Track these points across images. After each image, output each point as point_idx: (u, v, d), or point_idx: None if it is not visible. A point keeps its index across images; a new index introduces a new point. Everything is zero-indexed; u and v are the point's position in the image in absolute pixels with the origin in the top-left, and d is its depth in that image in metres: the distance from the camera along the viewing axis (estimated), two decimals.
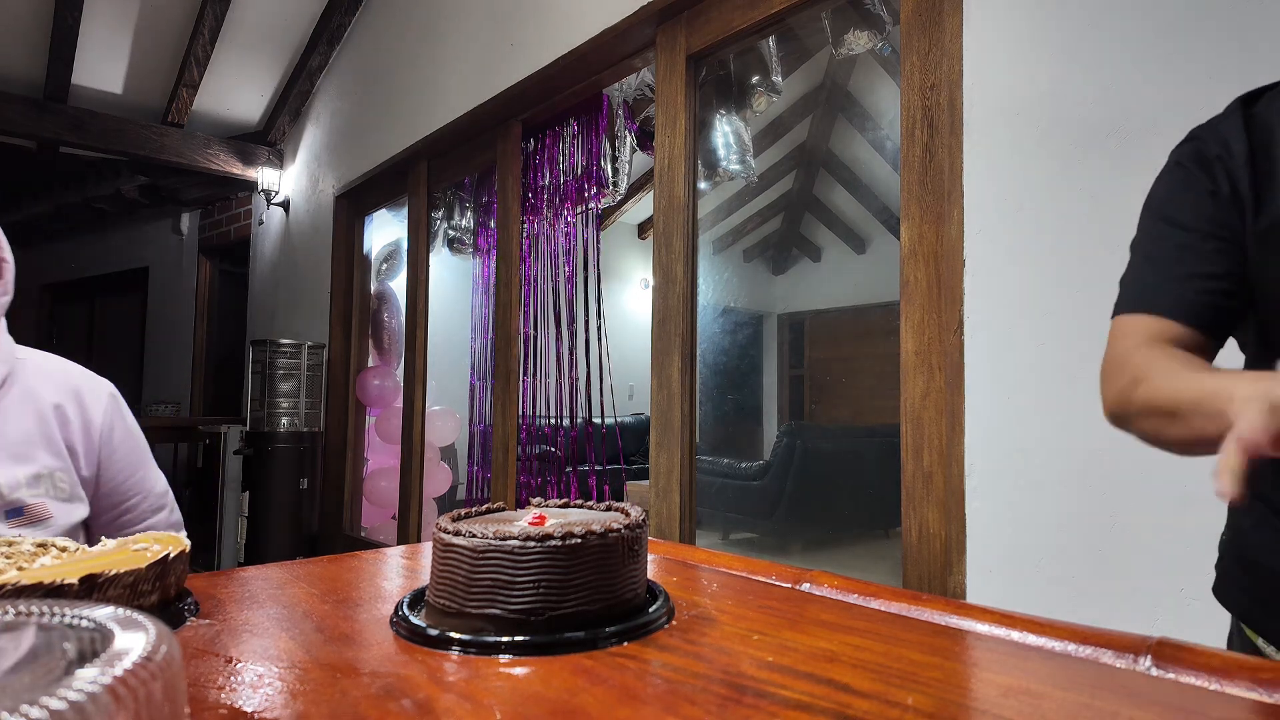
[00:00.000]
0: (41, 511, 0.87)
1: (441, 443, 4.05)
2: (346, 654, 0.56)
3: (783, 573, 0.78)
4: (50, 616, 0.31)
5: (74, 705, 0.22)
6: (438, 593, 0.60)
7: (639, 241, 6.96)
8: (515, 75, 2.84)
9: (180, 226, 6.09)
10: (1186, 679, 0.50)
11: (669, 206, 2.22)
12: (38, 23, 3.87)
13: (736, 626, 0.62)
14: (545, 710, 0.46)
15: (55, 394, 0.92)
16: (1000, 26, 1.52)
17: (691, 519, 2.17)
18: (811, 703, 0.46)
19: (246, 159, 4.95)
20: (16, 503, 0.84)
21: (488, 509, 0.73)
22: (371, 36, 4.07)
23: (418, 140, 3.49)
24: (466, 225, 3.58)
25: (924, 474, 1.56)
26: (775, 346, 7.41)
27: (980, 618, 0.62)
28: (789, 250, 7.22)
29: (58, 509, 0.89)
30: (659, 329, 2.23)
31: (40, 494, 0.87)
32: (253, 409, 4.07)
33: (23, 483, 0.86)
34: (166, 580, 0.63)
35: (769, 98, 2.47)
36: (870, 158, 5.79)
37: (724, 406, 6.96)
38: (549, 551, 0.57)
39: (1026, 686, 0.49)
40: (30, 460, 0.88)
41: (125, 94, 4.53)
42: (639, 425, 5.93)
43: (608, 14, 2.40)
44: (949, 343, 1.53)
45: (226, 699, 0.48)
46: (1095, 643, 0.55)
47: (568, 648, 0.55)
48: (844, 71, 5.09)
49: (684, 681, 0.50)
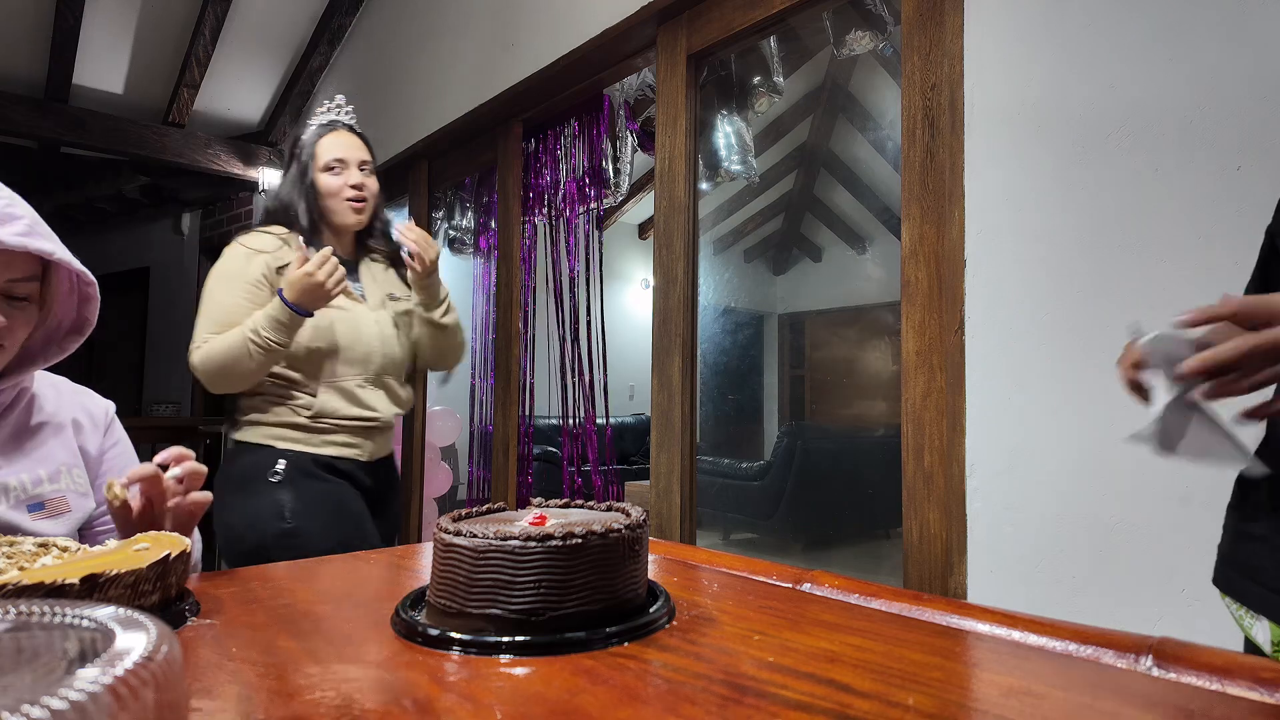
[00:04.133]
0: (61, 505, 0.93)
1: (442, 443, 4.05)
2: (347, 654, 0.56)
3: (783, 573, 0.78)
4: (52, 616, 0.31)
5: (75, 705, 0.22)
6: (438, 593, 0.60)
7: (640, 242, 6.96)
8: (516, 75, 2.84)
9: (181, 226, 6.09)
10: (1188, 679, 0.50)
11: (670, 207, 2.22)
12: (38, 23, 3.87)
13: (737, 627, 0.62)
14: (546, 710, 0.46)
15: (71, 409, 1.02)
16: (1001, 26, 1.52)
17: (692, 519, 2.17)
18: (812, 703, 0.46)
19: (247, 159, 4.95)
20: (39, 497, 0.90)
21: (488, 509, 0.73)
22: (372, 37, 4.08)
23: (418, 140, 3.49)
24: (467, 225, 3.58)
25: (925, 474, 1.56)
26: (776, 346, 7.41)
27: (981, 618, 0.62)
28: (790, 250, 7.22)
29: (76, 502, 0.95)
30: (659, 329, 2.23)
31: (60, 489, 0.93)
32: None
33: (44, 479, 0.92)
34: (167, 580, 0.63)
35: (770, 98, 2.47)
36: (871, 158, 5.79)
37: (724, 407, 6.95)
38: (550, 552, 0.57)
39: (1028, 687, 0.49)
40: (50, 460, 0.95)
41: (126, 94, 4.53)
42: (639, 425, 5.93)
43: (608, 14, 2.40)
44: (950, 343, 1.53)
45: (226, 699, 0.48)
46: (1096, 643, 0.55)
47: (568, 648, 0.55)
48: (845, 72, 5.09)
49: (685, 682, 0.50)
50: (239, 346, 1.46)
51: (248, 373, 1.49)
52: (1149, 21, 1.33)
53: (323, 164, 1.64)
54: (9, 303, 0.85)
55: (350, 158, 1.65)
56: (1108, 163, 1.35)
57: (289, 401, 1.58)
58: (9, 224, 0.80)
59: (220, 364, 1.48)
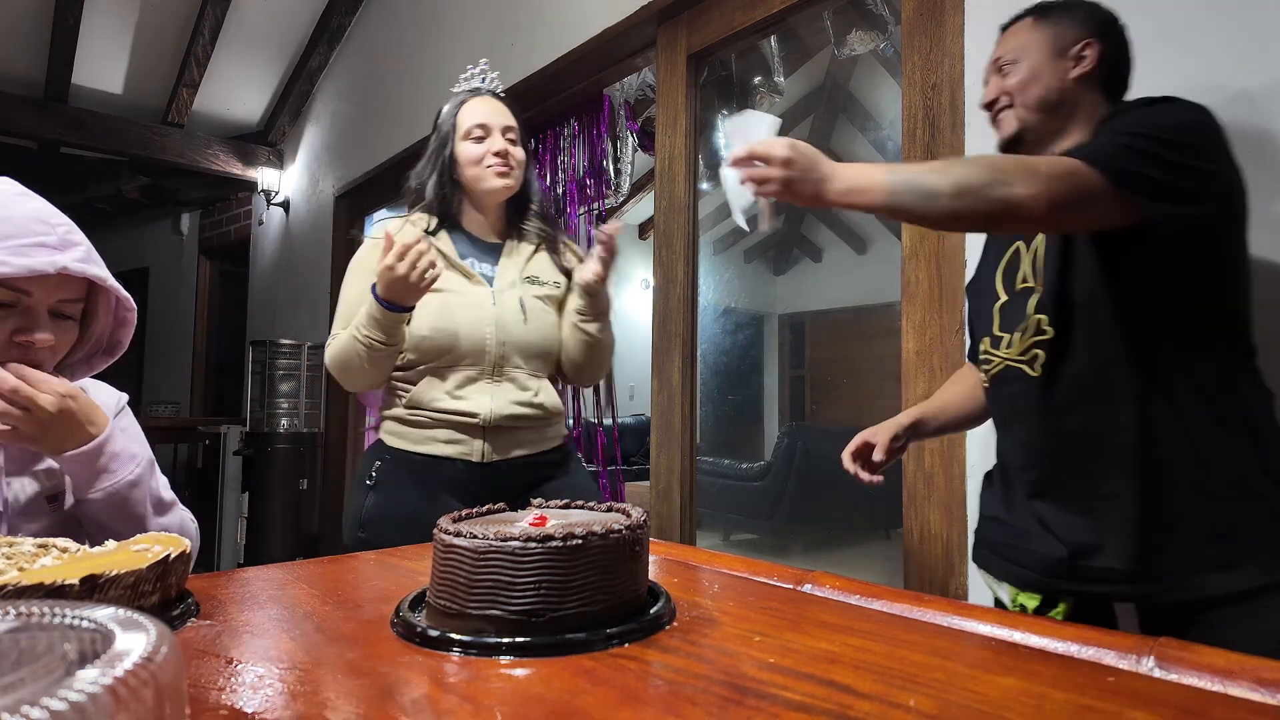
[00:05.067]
0: None
1: None
2: (347, 655, 0.56)
3: (784, 574, 0.78)
4: (51, 617, 0.31)
5: (74, 705, 0.21)
6: (438, 594, 0.60)
7: (640, 242, 6.96)
8: (515, 75, 2.84)
9: (180, 227, 6.09)
10: (1189, 680, 0.50)
11: (670, 207, 2.22)
12: (38, 23, 3.87)
13: (738, 628, 0.62)
14: (546, 711, 0.45)
15: None
16: None
17: (692, 520, 2.17)
18: (813, 704, 0.46)
19: (246, 159, 4.95)
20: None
21: (489, 510, 0.73)
22: (371, 37, 4.08)
23: (418, 140, 3.48)
24: None
25: (925, 475, 1.56)
26: (776, 347, 7.40)
27: (982, 618, 0.62)
28: (790, 250, 7.22)
29: None
30: (659, 329, 2.23)
31: None
32: (253, 409, 4.07)
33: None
34: (167, 581, 0.63)
35: (770, 98, 2.47)
36: (872, 158, 5.79)
37: (724, 407, 6.94)
38: (550, 552, 0.57)
39: (1029, 688, 0.49)
40: None
41: (125, 94, 4.53)
42: (639, 425, 5.92)
43: (608, 14, 2.40)
44: (950, 344, 1.53)
45: (227, 700, 0.48)
46: (1098, 643, 0.55)
47: (569, 649, 0.55)
48: (845, 72, 5.09)
49: (685, 683, 0.50)
50: (349, 344, 1.37)
51: (362, 371, 1.39)
52: (1149, 21, 1.33)
53: (464, 132, 1.50)
54: (56, 321, 0.91)
55: (494, 123, 1.50)
56: None
57: (396, 391, 1.45)
58: (69, 250, 0.87)
59: (338, 362, 1.40)
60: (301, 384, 4.07)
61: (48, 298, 0.88)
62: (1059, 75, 1.06)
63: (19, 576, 0.55)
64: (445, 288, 1.40)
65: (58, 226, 0.88)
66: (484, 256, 1.52)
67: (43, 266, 0.84)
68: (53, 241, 0.86)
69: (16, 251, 0.83)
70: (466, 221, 1.54)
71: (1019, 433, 1.07)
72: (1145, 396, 0.94)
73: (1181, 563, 0.92)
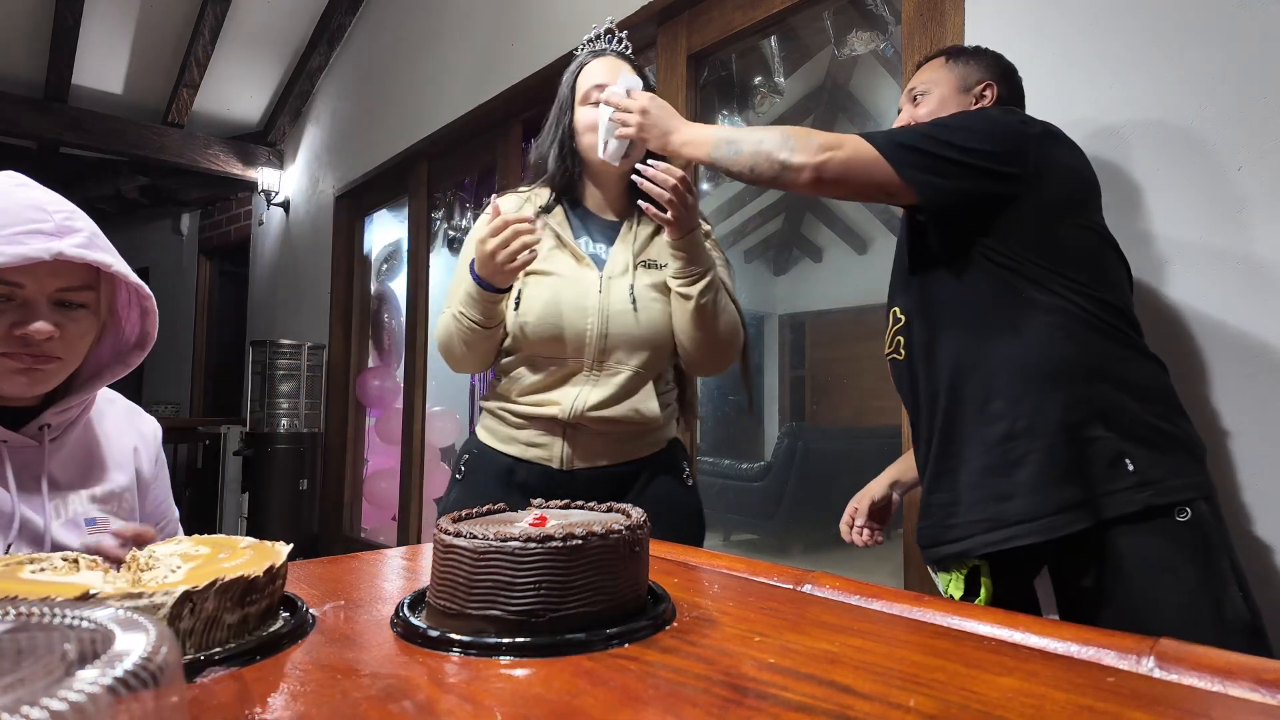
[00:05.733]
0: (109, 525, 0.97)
1: (442, 443, 4.05)
2: (347, 655, 0.56)
3: (784, 574, 0.78)
4: (51, 617, 0.31)
5: (74, 705, 0.22)
6: (438, 594, 0.60)
7: None
8: (515, 75, 2.84)
9: (180, 227, 6.09)
10: (1189, 680, 0.50)
11: None
12: (38, 23, 3.87)
13: (738, 628, 0.62)
14: (546, 712, 0.45)
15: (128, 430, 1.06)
16: (1002, 27, 1.52)
17: None
18: (813, 704, 0.46)
19: (246, 159, 4.95)
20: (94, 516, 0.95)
21: (488, 510, 0.73)
22: (371, 37, 4.08)
23: (418, 140, 3.48)
24: (467, 225, 3.58)
25: None
26: (776, 347, 7.40)
27: (982, 619, 0.62)
28: (790, 250, 7.21)
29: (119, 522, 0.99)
30: None
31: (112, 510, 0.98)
32: (253, 410, 4.07)
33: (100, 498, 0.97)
34: (274, 585, 0.61)
35: (770, 98, 2.47)
36: None
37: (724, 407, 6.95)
38: (550, 553, 0.57)
39: (1028, 688, 0.49)
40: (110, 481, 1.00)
41: (125, 94, 4.53)
42: None
43: (608, 14, 2.40)
44: None
45: (226, 701, 0.48)
46: (1097, 643, 0.55)
47: (569, 649, 0.55)
48: (845, 72, 5.08)
49: (685, 683, 0.50)
50: (450, 323, 1.28)
51: (461, 353, 1.28)
52: (1149, 22, 1.34)
53: (582, 96, 1.32)
54: (63, 311, 0.88)
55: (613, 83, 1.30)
56: (1108, 163, 1.35)
57: (496, 378, 1.34)
58: (69, 236, 0.85)
59: (440, 342, 1.32)
60: (301, 384, 4.07)
61: (47, 286, 0.86)
62: (962, 108, 1.21)
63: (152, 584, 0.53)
64: (552, 270, 1.26)
65: (55, 213, 0.85)
66: (599, 237, 1.34)
67: (38, 253, 0.81)
68: (49, 228, 0.83)
69: (10, 240, 0.80)
70: (587, 197, 1.37)
71: (911, 419, 1.19)
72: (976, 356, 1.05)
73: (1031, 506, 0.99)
